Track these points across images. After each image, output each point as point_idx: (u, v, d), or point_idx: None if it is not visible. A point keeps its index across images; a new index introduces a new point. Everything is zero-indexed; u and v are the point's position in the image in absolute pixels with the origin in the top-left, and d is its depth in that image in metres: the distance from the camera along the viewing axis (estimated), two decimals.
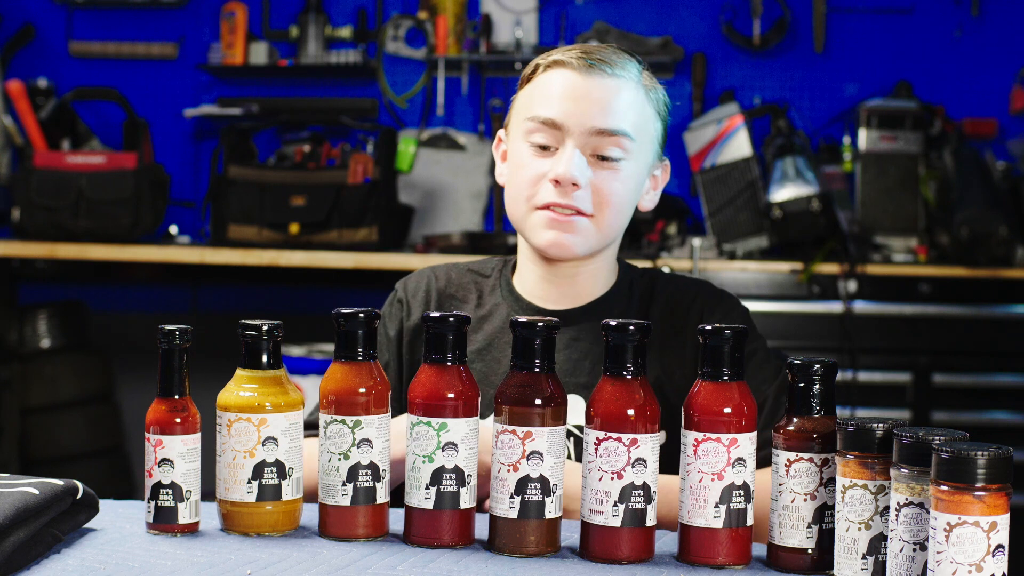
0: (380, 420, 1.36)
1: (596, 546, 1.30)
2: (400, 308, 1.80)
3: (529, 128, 1.68)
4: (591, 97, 1.66)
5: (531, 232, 1.69)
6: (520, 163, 1.70)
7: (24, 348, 4.37)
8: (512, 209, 1.72)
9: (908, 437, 1.14)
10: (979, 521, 1.07)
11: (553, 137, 1.67)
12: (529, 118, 1.68)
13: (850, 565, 1.22)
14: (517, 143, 1.71)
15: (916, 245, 4.02)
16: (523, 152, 1.69)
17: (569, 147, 1.66)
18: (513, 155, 1.72)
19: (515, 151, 1.72)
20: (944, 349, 3.82)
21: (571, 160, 1.65)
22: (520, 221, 1.71)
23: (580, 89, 1.66)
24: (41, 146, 4.20)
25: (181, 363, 1.40)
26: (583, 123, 1.66)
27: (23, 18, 4.72)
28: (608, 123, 1.66)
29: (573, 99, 1.66)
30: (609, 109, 1.66)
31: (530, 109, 1.69)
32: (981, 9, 4.42)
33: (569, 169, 1.64)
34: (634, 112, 1.68)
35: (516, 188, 1.70)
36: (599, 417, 1.30)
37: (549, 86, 1.68)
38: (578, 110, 1.66)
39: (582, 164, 1.66)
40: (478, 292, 1.79)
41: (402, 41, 4.61)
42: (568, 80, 1.67)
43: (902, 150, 4.11)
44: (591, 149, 1.66)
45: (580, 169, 1.65)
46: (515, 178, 1.71)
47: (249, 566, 1.26)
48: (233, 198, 4.10)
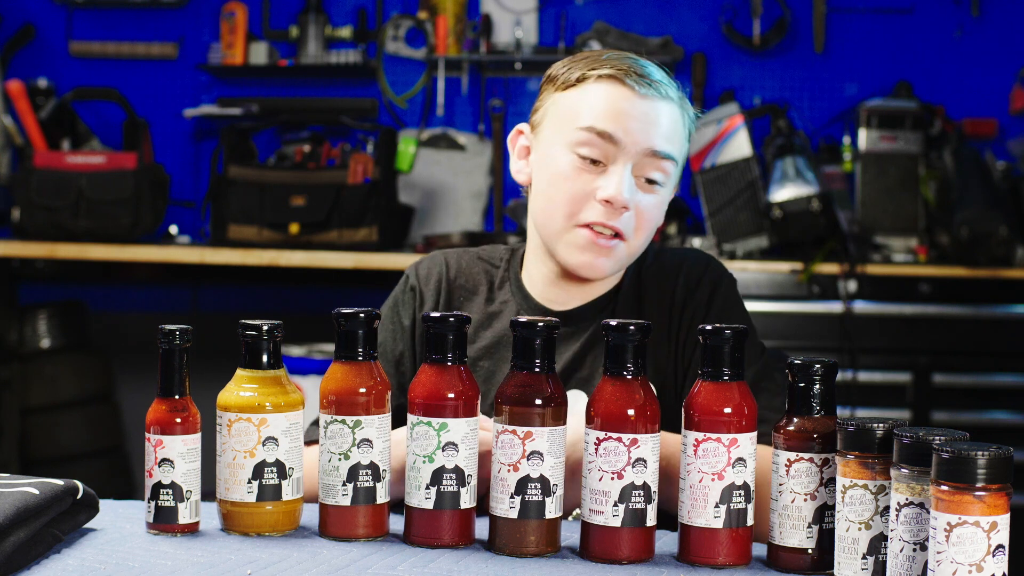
0: (380, 420, 1.36)
1: (596, 546, 1.30)
2: (414, 297, 1.77)
3: (581, 139, 1.64)
4: (648, 118, 1.64)
5: (565, 249, 1.66)
6: (563, 174, 1.65)
7: (24, 348, 4.37)
8: (547, 220, 1.68)
9: (908, 437, 1.14)
10: (979, 521, 1.07)
11: (605, 152, 1.63)
12: (583, 128, 1.64)
13: (850, 565, 1.22)
14: (558, 150, 1.66)
15: (916, 245, 4.02)
16: (567, 163, 1.65)
17: (621, 166, 1.63)
18: (551, 162, 1.67)
19: (555, 158, 1.67)
20: (944, 349, 3.82)
21: (623, 181, 1.62)
22: (555, 235, 1.67)
23: (639, 108, 1.63)
24: (41, 146, 4.20)
25: (181, 363, 1.40)
26: (640, 143, 1.63)
27: (23, 18, 4.72)
28: (663, 146, 1.64)
29: (632, 117, 1.63)
30: (664, 132, 1.65)
31: (582, 118, 1.64)
32: (981, 9, 4.42)
33: (622, 191, 1.62)
34: (678, 137, 1.68)
35: (557, 201, 1.66)
36: (599, 417, 1.30)
37: (604, 99, 1.64)
38: (637, 129, 1.63)
39: (632, 186, 1.64)
40: (488, 283, 1.78)
41: (402, 41, 4.61)
42: (625, 97, 1.64)
43: (902, 150, 4.10)
44: (639, 170, 1.64)
45: (631, 191, 1.63)
46: (556, 190, 1.66)
47: (249, 566, 1.26)
48: (233, 198, 4.10)
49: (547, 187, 1.67)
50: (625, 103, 1.63)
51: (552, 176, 1.67)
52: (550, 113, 1.70)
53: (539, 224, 1.70)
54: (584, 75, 1.66)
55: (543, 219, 1.69)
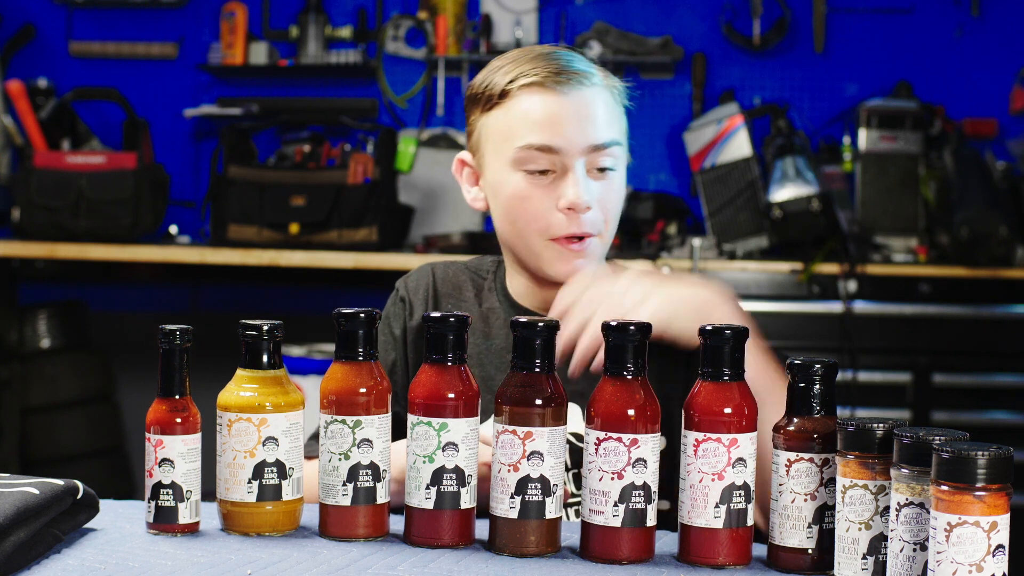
0: (380, 420, 1.36)
1: (596, 546, 1.30)
2: (403, 307, 1.79)
3: (523, 156, 1.63)
4: (581, 114, 1.63)
5: (546, 263, 1.66)
6: (518, 195, 1.65)
7: (24, 348, 4.37)
8: (518, 242, 1.68)
9: (908, 437, 1.14)
10: (979, 521, 1.07)
11: (551, 162, 1.63)
12: (522, 147, 1.63)
13: (850, 565, 1.22)
14: (504, 173, 1.66)
15: (916, 245, 4.02)
16: (518, 182, 1.65)
17: (575, 171, 1.63)
18: (502, 186, 1.67)
19: (504, 182, 1.66)
20: (944, 349, 3.82)
21: (579, 184, 1.62)
22: (531, 255, 1.67)
23: (569, 109, 1.63)
24: (41, 146, 4.20)
25: (181, 363, 1.39)
26: (581, 143, 1.63)
27: (23, 18, 4.72)
28: (603, 137, 1.64)
29: (565, 121, 1.62)
30: (601, 121, 1.64)
31: (516, 137, 1.64)
32: (981, 9, 4.42)
33: (581, 194, 1.62)
34: (613, 116, 1.67)
35: (522, 223, 1.65)
36: (599, 417, 1.30)
37: (533, 111, 1.63)
38: (574, 131, 1.62)
39: (588, 185, 1.63)
40: (476, 291, 1.79)
41: (402, 41, 4.61)
42: (553, 102, 1.63)
43: (902, 150, 4.10)
44: (589, 165, 1.64)
45: (589, 191, 1.63)
46: (517, 213, 1.65)
47: (249, 566, 1.26)
48: (233, 198, 4.10)
49: (507, 211, 1.67)
50: (554, 108, 1.63)
51: (508, 199, 1.66)
52: (484, 137, 1.69)
53: (512, 246, 1.70)
54: (505, 90, 1.65)
55: (514, 242, 1.69)
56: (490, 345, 1.73)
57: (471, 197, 1.75)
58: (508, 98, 1.65)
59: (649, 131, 4.55)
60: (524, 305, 1.74)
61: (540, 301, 1.73)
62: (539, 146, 1.62)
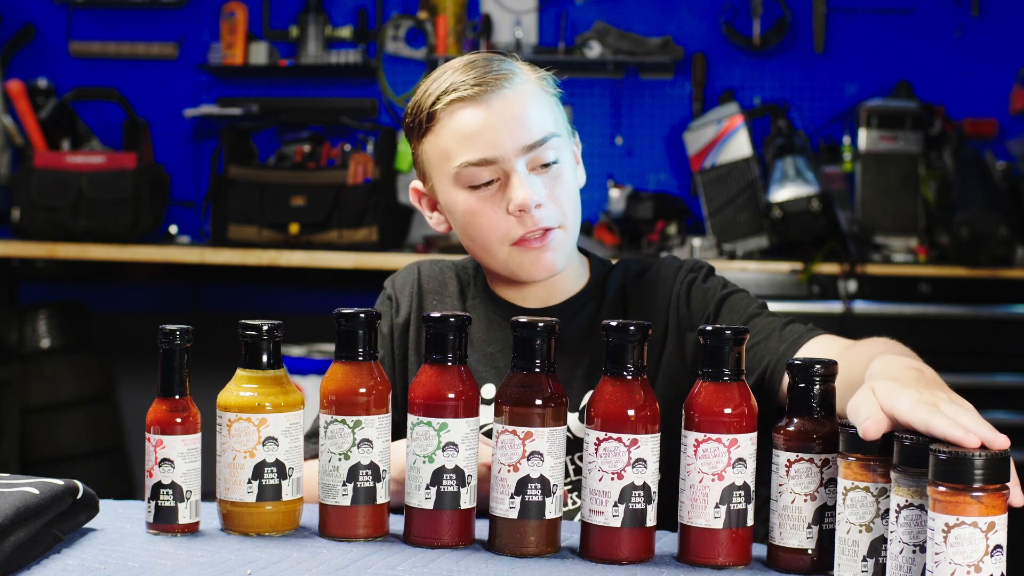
0: (380, 420, 1.36)
1: (596, 546, 1.30)
2: (390, 304, 1.81)
3: (462, 175, 1.64)
4: (506, 117, 1.63)
5: (516, 267, 1.67)
6: (470, 211, 1.66)
7: (24, 348, 4.37)
8: (485, 256, 1.69)
9: (908, 439, 1.14)
10: (977, 522, 1.07)
11: (491, 172, 1.64)
12: (458, 166, 1.64)
13: (850, 567, 1.22)
14: (452, 193, 1.67)
15: (916, 245, 4.02)
16: (465, 199, 1.66)
17: (516, 174, 1.63)
18: (455, 206, 1.68)
19: (455, 202, 1.67)
20: (944, 349, 3.82)
21: (524, 184, 1.62)
22: (500, 264, 1.68)
23: (493, 116, 1.63)
24: (41, 146, 4.20)
25: (181, 363, 1.40)
26: (513, 146, 1.63)
27: (23, 18, 4.72)
28: (535, 135, 1.64)
29: (492, 129, 1.63)
30: (529, 119, 1.64)
31: (453, 158, 1.64)
32: (981, 9, 4.42)
33: (525, 195, 1.62)
34: (544, 110, 1.67)
35: (481, 236, 1.67)
36: (599, 417, 1.30)
37: (460, 129, 1.64)
38: (503, 137, 1.62)
39: (533, 183, 1.64)
40: (460, 288, 1.81)
41: (402, 41, 4.61)
42: (475, 114, 1.63)
43: (902, 150, 4.10)
44: (530, 164, 1.64)
45: (534, 188, 1.63)
46: (474, 228, 1.67)
47: (249, 566, 1.26)
48: (233, 198, 4.10)
49: (466, 228, 1.68)
50: (481, 120, 1.63)
51: (461, 217, 1.68)
52: (427, 164, 1.70)
53: (481, 260, 1.73)
54: (429, 114, 1.66)
55: (482, 256, 1.71)
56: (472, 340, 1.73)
57: (433, 222, 1.76)
58: (436, 121, 1.66)
59: (649, 131, 4.55)
60: (504, 299, 1.76)
61: (519, 296, 1.75)
62: (475, 161, 1.63)
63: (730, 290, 1.71)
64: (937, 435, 1.11)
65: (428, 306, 1.79)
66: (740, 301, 1.69)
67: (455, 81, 1.64)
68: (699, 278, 1.73)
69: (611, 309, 1.73)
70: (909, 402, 1.15)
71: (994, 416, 3.80)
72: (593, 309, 1.74)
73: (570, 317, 1.71)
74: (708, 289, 1.71)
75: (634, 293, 1.75)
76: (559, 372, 1.35)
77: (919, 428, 1.13)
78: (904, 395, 1.16)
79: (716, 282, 1.73)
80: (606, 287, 1.76)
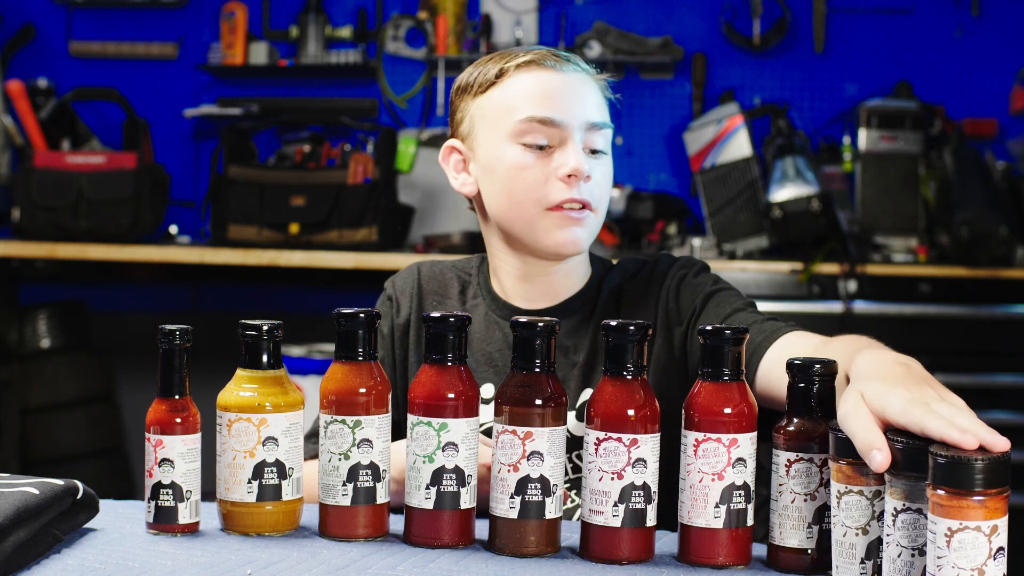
0: (380, 420, 1.36)
1: (596, 546, 1.30)
2: (390, 305, 1.81)
3: (523, 129, 1.66)
4: (578, 93, 1.68)
5: (543, 233, 1.67)
6: (519, 165, 1.66)
7: (24, 348, 4.37)
8: (515, 215, 1.68)
9: (901, 443, 1.12)
10: (980, 526, 1.07)
11: (550, 136, 1.66)
12: (523, 119, 1.66)
13: (848, 570, 1.21)
14: (502, 147, 1.68)
15: (916, 245, 4.02)
16: (517, 154, 1.66)
17: (574, 142, 1.66)
18: (500, 161, 1.68)
19: (502, 156, 1.68)
20: (944, 349, 3.82)
21: (580, 153, 1.66)
22: (528, 224, 1.68)
23: (567, 85, 1.68)
24: (41, 146, 4.20)
25: (181, 363, 1.40)
26: (580, 118, 1.67)
27: (23, 18, 4.72)
28: (599, 116, 1.70)
29: (564, 96, 1.67)
30: (595, 103, 1.70)
31: (516, 110, 1.67)
32: (981, 9, 4.42)
33: (579, 162, 1.65)
34: (605, 104, 1.73)
35: (520, 192, 1.67)
36: (599, 417, 1.30)
37: (533, 86, 1.67)
38: (573, 106, 1.67)
39: (585, 157, 1.67)
40: (461, 288, 1.81)
41: (402, 41, 4.61)
42: (551, 79, 1.68)
43: (902, 150, 4.10)
44: (584, 144, 1.68)
45: (588, 162, 1.67)
46: (516, 183, 1.67)
47: (249, 566, 1.26)
48: (233, 198, 4.10)
49: (504, 184, 1.68)
50: (553, 84, 1.67)
51: (507, 171, 1.68)
52: (478, 119, 1.71)
53: (507, 221, 1.70)
54: (502, 70, 1.69)
55: (511, 215, 1.69)
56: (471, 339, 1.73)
57: (459, 183, 1.75)
58: (504, 77, 1.69)
59: (649, 131, 4.55)
60: (506, 300, 1.75)
61: (523, 297, 1.75)
62: (540, 118, 1.66)
63: (719, 287, 1.72)
64: (933, 437, 1.08)
65: (428, 306, 1.79)
66: (727, 298, 1.69)
67: (529, 52, 1.70)
68: (690, 274, 1.73)
69: (605, 309, 1.73)
70: (901, 403, 1.12)
71: (994, 416, 3.80)
72: (590, 308, 1.74)
73: (568, 317, 1.72)
74: (697, 285, 1.71)
75: (628, 291, 1.75)
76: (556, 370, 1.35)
77: (913, 430, 1.11)
78: (895, 395, 1.14)
79: (706, 279, 1.73)
80: (603, 287, 1.76)
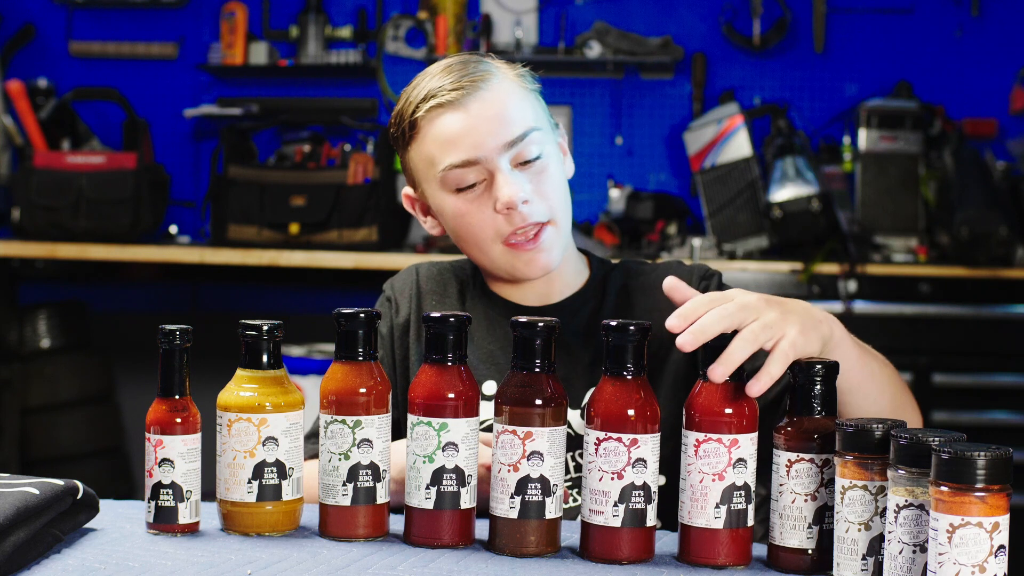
0: (380, 420, 1.36)
1: (596, 546, 1.30)
2: (389, 306, 1.81)
3: (448, 178, 1.66)
4: (484, 117, 1.64)
5: (508, 266, 1.68)
6: (459, 213, 1.67)
7: (24, 348, 4.37)
8: (478, 256, 1.70)
9: (905, 438, 1.14)
10: (982, 522, 1.07)
11: (476, 173, 1.65)
12: (443, 170, 1.65)
13: (850, 566, 1.22)
14: (440, 198, 1.68)
15: (916, 245, 4.02)
16: (453, 203, 1.67)
17: (500, 172, 1.64)
18: (444, 210, 1.69)
19: (443, 206, 1.69)
20: (944, 349, 3.82)
21: (508, 182, 1.63)
22: (493, 264, 1.69)
23: (471, 118, 1.64)
24: (41, 146, 4.20)
25: (181, 363, 1.39)
26: (496, 144, 1.64)
27: (23, 18, 4.72)
28: (515, 131, 1.65)
29: (471, 131, 1.64)
30: (509, 119, 1.65)
31: (437, 162, 1.66)
32: (981, 9, 4.42)
33: (510, 193, 1.63)
34: (523, 105, 1.68)
35: (472, 238, 1.68)
36: (599, 417, 1.30)
37: (440, 134, 1.65)
38: (483, 138, 1.63)
39: (518, 179, 1.64)
40: (459, 289, 1.81)
41: (402, 41, 4.61)
42: (453, 118, 1.65)
43: (902, 150, 4.10)
44: (513, 161, 1.65)
45: (519, 185, 1.64)
46: (465, 230, 1.68)
47: (249, 566, 1.26)
48: (233, 198, 4.10)
49: (455, 231, 1.70)
50: (460, 123, 1.64)
51: (452, 220, 1.69)
52: (415, 171, 1.73)
53: (477, 261, 1.73)
54: (411, 123, 1.68)
55: (477, 256, 1.71)
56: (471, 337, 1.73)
57: (428, 226, 1.78)
58: (418, 129, 1.68)
59: (649, 131, 4.55)
60: (503, 297, 1.75)
61: (518, 294, 1.75)
62: (459, 163, 1.65)
63: None
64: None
65: (427, 306, 1.79)
66: None
67: (432, 87, 1.67)
68: (712, 285, 1.73)
69: (616, 308, 1.73)
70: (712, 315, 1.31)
71: (994, 416, 3.81)
72: (594, 307, 1.73)
73: (571, 315, 1.71)
74: None
75: (638, 292, 1.74)
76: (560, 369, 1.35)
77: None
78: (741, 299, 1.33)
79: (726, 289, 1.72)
80: (607, 286, 1.76)
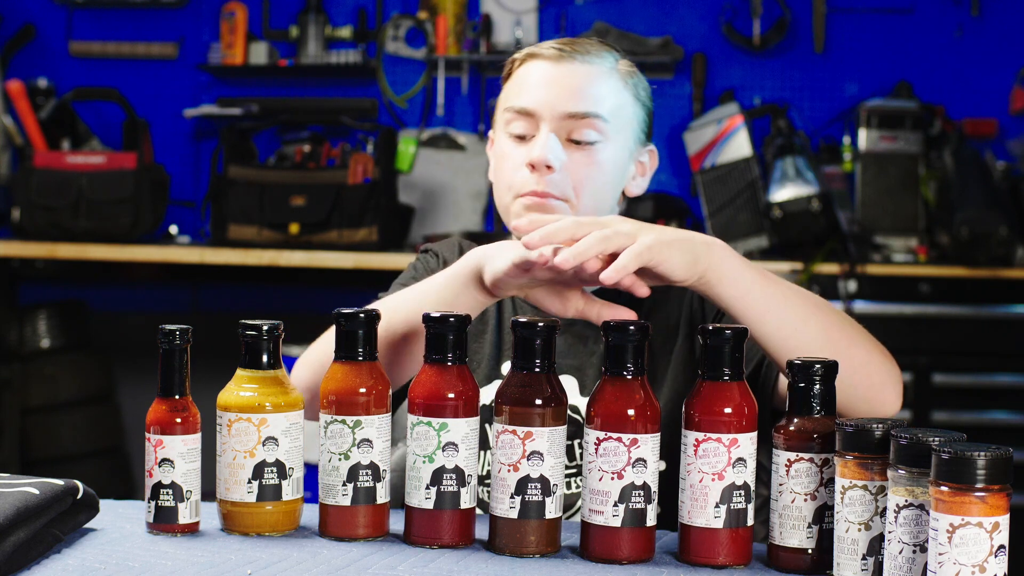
0: (380, 420, 1.36)
1: (596, 546, 1.30)
2: (436, 260, 1.83)
3: (507, 119, 1.71)
4: (562, 83, 1.69)
5: (513, 219, 1.71)
6: (500, 153, 1.73)
7: (24, 348, 4.37)
8: (498, 200, 1.76)
9: (905, 438, 1.13)
10: (982, 522, 1.07)
11: (529, 125, 1.69)
12: (506, 109, 1.72)
13: (850, 566, 1.22)
14: (498, 135, 1.75)
15: (916, 245, 4.02)
16: (501, 144, 1.73)
17: (543, 132, 1.68)
18: (496, 147, 1.76)
19: (497, 142, 1.75)
20: (944, 349, 3.82)
21: (545, 144, 1.67)
22: (504, 210, 1.73)
23: (552, 76, 1.69)
24: (41, 146, 4.20)
25: (181, 363, 1.39)
26: (555, 108, 1.68)
27: (23, 18, 4.72)
28: (579, 106, 1.68)
29: (545, 86, 1.69)
30: (581, 93, 1.69)
31: (507, 102, 1.73)
32: (981, 9, 4.42)
33: (543, 153, 1.66)
34: (608, 96, 1.70)
35: (500, 181, 1.73)
36: (599, 417, 1.30)
37: (525, 78, 1.72)
38: (550, 96, 1.68)
39: (556, 148, 1.67)
40: None
41: (402, 41, 4.61)
42: (541, 69, 1.70)
43: (902, 150, 4.10)
44: (565, 133, 1.68)
45: (554, 152, 1.67)
46: (498, 170, 1.74)
47: (249, 566, 1.26)
48: (233, 198, 4.10)
49: (494, 171, 1.76)
50: (539, 75, 1.70)
51: (495, 160, 1.75)
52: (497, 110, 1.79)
53: (497, 206, 1.77)
54: (511, 65, 1.76)
55: (497, 200, 1.76)
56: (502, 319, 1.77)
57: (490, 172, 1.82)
58: (512, 72, 1.75)
59: None
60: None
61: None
62: (517, 108, 1.70)
63: None
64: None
65: None
66: None
67: (544, 44, 1.73)
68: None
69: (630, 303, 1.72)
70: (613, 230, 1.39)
71: (994, 416, 3.81)
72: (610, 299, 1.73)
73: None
74: None
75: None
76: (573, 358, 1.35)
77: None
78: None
79: None
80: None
